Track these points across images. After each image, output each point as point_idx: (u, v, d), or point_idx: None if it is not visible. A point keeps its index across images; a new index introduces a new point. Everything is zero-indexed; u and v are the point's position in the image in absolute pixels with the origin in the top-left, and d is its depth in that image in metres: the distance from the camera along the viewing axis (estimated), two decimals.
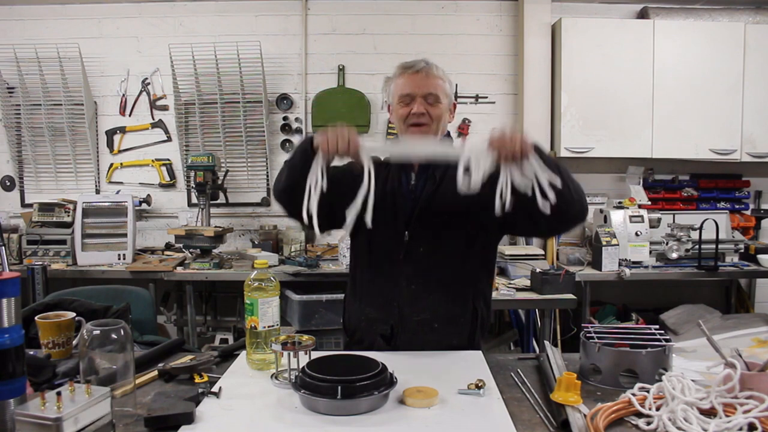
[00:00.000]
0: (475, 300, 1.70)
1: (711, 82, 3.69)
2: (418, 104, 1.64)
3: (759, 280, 3.98)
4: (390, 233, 1.67)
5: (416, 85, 1.65)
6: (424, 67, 1.67)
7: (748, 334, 2.43)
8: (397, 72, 1.71)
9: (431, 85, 1.65)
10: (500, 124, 3.99)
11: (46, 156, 3.95)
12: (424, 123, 1.65)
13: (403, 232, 1.66)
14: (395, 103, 1.70)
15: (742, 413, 1.05)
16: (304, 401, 1.19)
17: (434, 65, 1.69)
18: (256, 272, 1.47)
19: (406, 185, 1.71)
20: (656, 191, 4.02)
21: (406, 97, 1.66)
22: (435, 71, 1.68)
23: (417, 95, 1.65)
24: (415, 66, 1.67)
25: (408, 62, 1.70)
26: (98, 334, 1.13)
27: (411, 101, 1.65)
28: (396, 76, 1.71)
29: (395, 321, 1.65)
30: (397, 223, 1.67)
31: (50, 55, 3.76)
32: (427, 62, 1.69)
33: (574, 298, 2.92)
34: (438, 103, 1.66)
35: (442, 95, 1.67)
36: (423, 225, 1.65)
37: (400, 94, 1.67)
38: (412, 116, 1.65)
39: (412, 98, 1.65)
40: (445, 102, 1.69)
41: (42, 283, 3.05)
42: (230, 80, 3.84)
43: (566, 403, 1.14)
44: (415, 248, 1.65)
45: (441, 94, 1.67)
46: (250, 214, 4.05)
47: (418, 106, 1.64)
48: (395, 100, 1.69)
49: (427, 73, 1.66)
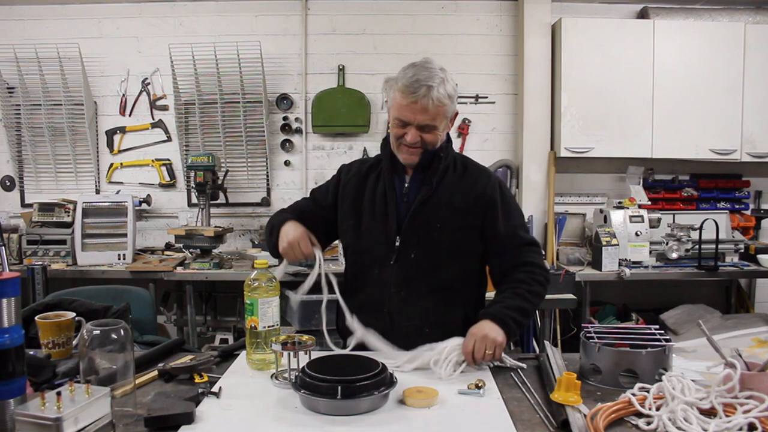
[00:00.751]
0: (467, 306, 1.68)
1: (711, 82, 3.68)
2: (412, 134, 1.59)
3: (759, 280, 3.98)
4: (381, 238, 1.65)
5: (413, 115, 1.57)
6: (424, 96, 1.53)
7: (748, 334, 2.43)
8: (397, 86, 1.58)
9: (429, 117, 1.57)
10: (500, 123, 4.02)
11: (46, 156, 3.95)
12: (417, 147, 1.62)
13: (395, 237, 1.64)
14: (391, 118, 1.65)
15: (742, 413, 1.05)
16: (304, 401, 1.19)
17: (437, 87, 1.53)
18: (256, 272, 1.47)
19: (400, 189, 1.69)
20: (656, 191, 4.02)
21: (401, 122, 1.60)
22: (435, 99, 1.53)
23: (412, 124, 1.58)
24: (417, 93, 1.53)
25: (410, 83, 1.54)
26: (98, 334, 1.13)
27: (406, 126, 1.60)
28: (396, 89, 1.59)
29: (386, 326, 1.63)
30: (388, 227, 1.65)
31: (50, 55, 3.76)
32: (430, 87, 1.53)
33: (574, 298, 2.92)
34: (434, 130, 1.60)
35: (441, 120, 1.60)
36: (415, 230, 1.63)
37: (396, 117, 1.61)
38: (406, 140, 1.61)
39: (407, 124, 1.60)
40: (443, 123, 1.62)
41: (42, 283, 3.05)
42: (230, 80, 3.84)
43: (566, 403, 1.14)
44: (406, 253, 1.63)
45: (439, 121, 1.59)
46: (250, 214, 4.05)
47: (413, 137, 1.59)
48: (390, 115, 1.64)
49: (425, 106, 1.54)
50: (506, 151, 4.04)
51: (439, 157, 1.67)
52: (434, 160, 1.67)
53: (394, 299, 1.64)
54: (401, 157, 1.66)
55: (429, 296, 1.64)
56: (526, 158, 3.87)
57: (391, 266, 1.64)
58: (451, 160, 1.71)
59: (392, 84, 1.62)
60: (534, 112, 3.85)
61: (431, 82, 1.54)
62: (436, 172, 1.66)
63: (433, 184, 1.65)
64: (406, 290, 1.63)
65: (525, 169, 3.87)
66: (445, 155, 1.68)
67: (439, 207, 1.64)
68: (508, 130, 4.04)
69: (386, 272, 1.64)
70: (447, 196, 1.66)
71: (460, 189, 1.67)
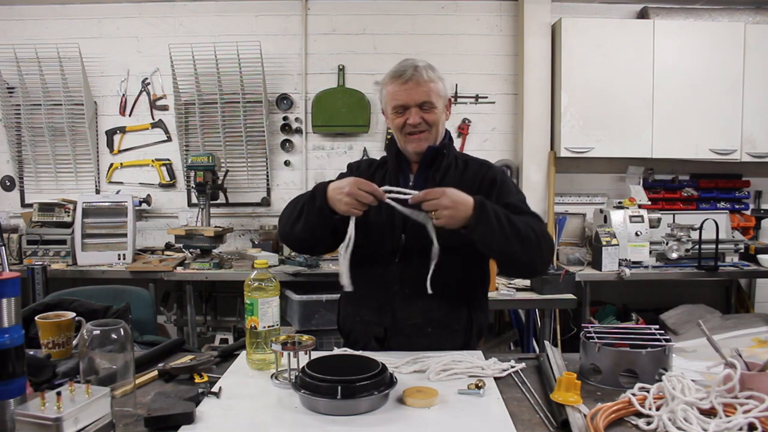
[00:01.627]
0: (470, 306, 1.68)
1: (711, 82, 3.68)
2: (413, 115, 1.62)
3: (759, 280, 3.99)
4: (386, 236, 1.65)
5: (408, 95, 1.62)
6: (413, 75, 1.61)
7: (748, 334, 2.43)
8: (387, 80, 1.67)
9: (423, 93, 1.62)
10: (500, 123, 4.02)
11: (46, 156, 3.95)
12: (423, 131, 1.65)
13: (400, 236, 1.64)
14: (390, 112, 1.68)
15: (742, 413, 1.05)
16: (304, 401, 1.19)
17: (424, 67, 1.64)
18: (256, 272, 1.47)
19: (404, 186, 1.68)
20: (656, 191, 4.02)
21: (400, 107, 1.64)
22: (425, 75, 1.62)
23: (411, 105, 1.63)
24: (405, 74, 1.62)
25: (397, 69, 1.65)
26: (98, 334, 1.13)
27: (405, 111, 1.63)
28: (386, 84, 1.67)
29: (388, 324, 1.64)
30: (393, 225, 1.65)
31: (50, 55, 3.76)
32: (416, 66, 1.63)
33: (574, 298, 2.92)
34: (433, 109, 1.64)
35: (436, 98, 1.64)
36: (420, 228, 1.61)
37: (394, 105, 1.65)
38: (409, 126, 1.64)
39: (406, 108, 1.63)
40: (440, 104, 1.66)
41: (42, 283, 3.05)
42: (230, 80, 3.84)
43: (566, 403, 1.14)
44: (410, 252, 1.63)
45: (435, 98, 1.64)
46: (250, 214, 4.05)
47: (414, 117, 1.62)
48: (389, 109, 1.68)
49: (417, 81, 1.61)
50: (506, 151, 4.04)
51: (442, 153, 1.69)
52: (437, 157, 1.69)
53: (398, 298, 1.64)
54: (410, 146, 1.67)
55: (433, 296, 1.62)
56: (526, 158, 3.87)
57: (395, 264, 1.64)
58: (453, 159, 1.73)
59: (383, 82, 1.70)
60: (534, 112, 3.85)
61: (417, 63, 1.64)
62: (439, 168, 1.67)
63: (436, 180, 1.66)
64: (410, 288, 1.63)
65: (525, 169, 3.87)
66: (447, 152, 1.70)
67: None
68: (508, 130, 4.04)
69: (390, 270, 1.65)
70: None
71: (463, 184, 1.65)
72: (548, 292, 2.90)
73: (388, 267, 1.65)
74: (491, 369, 1.39)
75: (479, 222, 1.44)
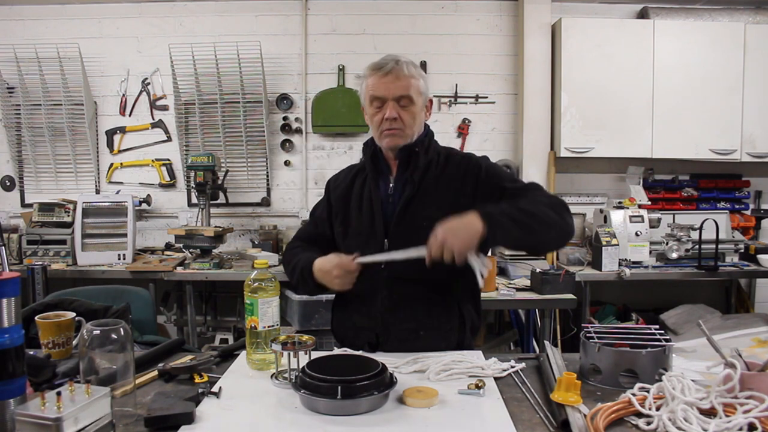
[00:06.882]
0: (462, 306, 1.65)
1: (711, 82, 3.69)
2: (390, 109, 1.58)
3: (759, 280, 3.99)
4: (370, 241, 1.62)
5: (386, 88, 1.58)
6: (394, 68, 1.58)
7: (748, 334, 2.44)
8: (367, 72, 1.63)
9: (402, 87, 1.57)
10: (500, 123, 4.02)
11: (46, 156, 3.95)
12: (397, 128, 1.59)
13: (383, 240, 1.61)
14: (367, 105, 1.64)
15: (742, 413, 1.05)
16: (304, 401, 1.19)
17: (405, 63, 1.60)
18: (256, 272, 1.47)
19: (385, 191, 1.66)
20: (656, 191, 4.02)
21: (377, 100, 1.60)
22: (406, 70, 1.59)
23: (388, 98, 1.58)
24: (385, 66, 1.58)
25: (378, 62, 1.62)
26: (98, 334, 1.13)
27: (383, 104, 1.59)
28: (366, 77, 1.63)
29: (380, 329, 1.62)
30: (376, 230, 1.62)
31: (50, 55, 3.76)
32: (398, 60, 1.60)
33: (574, 298, 2.92)
34: (411, 105, 1.60)
35: (416, 94, 1.60)
36: (403, 231, 1.60)
37: (371, 95, 1.60)
38: (385, 122, 1.59)
39: (383, 101, 1.59)
40: (420, 101, 1.62)
41: (42, 283, 3.05)
42: (230, 80, 3.84)
43: (566, 403, 1.14)
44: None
45: (414, 94, 1.59)
46: (250, 214, 4.05)
47: (390, 111, 1.57)
48: (367, 102, 1.64)
49: (397, 75, 1.57)
50: (506, 151, 4.04)
51: (416, 153, 1.63)
52: (412, 157, 1.63)
53: (387, 303, 1.61)
54: (385, 142, 1.62)
55: (422, 298, 1.61)
56: (526, 158, 3.87)
57: (381, 270, 1.59)
58: (434, 155, 1.67)
59: (364, 74, 1.67)
60: (534, 112, 3.85)
61: (399, 58, 1.62)
62: (417, 168, 1.62)
63: (415, 181, 1.62)
64: (398, 293, 1.60)
65: (525, 169, 3.87)
66: (423, 150, 1.64)
67: (425, 205, 1.60)
68: (508, 130, 4.04)
69: (377, 275, 1.60)
70: (432, 192, 1.62)
71: (445, 180, 1.63)
72: (548, 292, 2.90)
73: (374, 273, 1.59)
74: (491, 369, 1.39)
75: (492, 228, 1.38)
